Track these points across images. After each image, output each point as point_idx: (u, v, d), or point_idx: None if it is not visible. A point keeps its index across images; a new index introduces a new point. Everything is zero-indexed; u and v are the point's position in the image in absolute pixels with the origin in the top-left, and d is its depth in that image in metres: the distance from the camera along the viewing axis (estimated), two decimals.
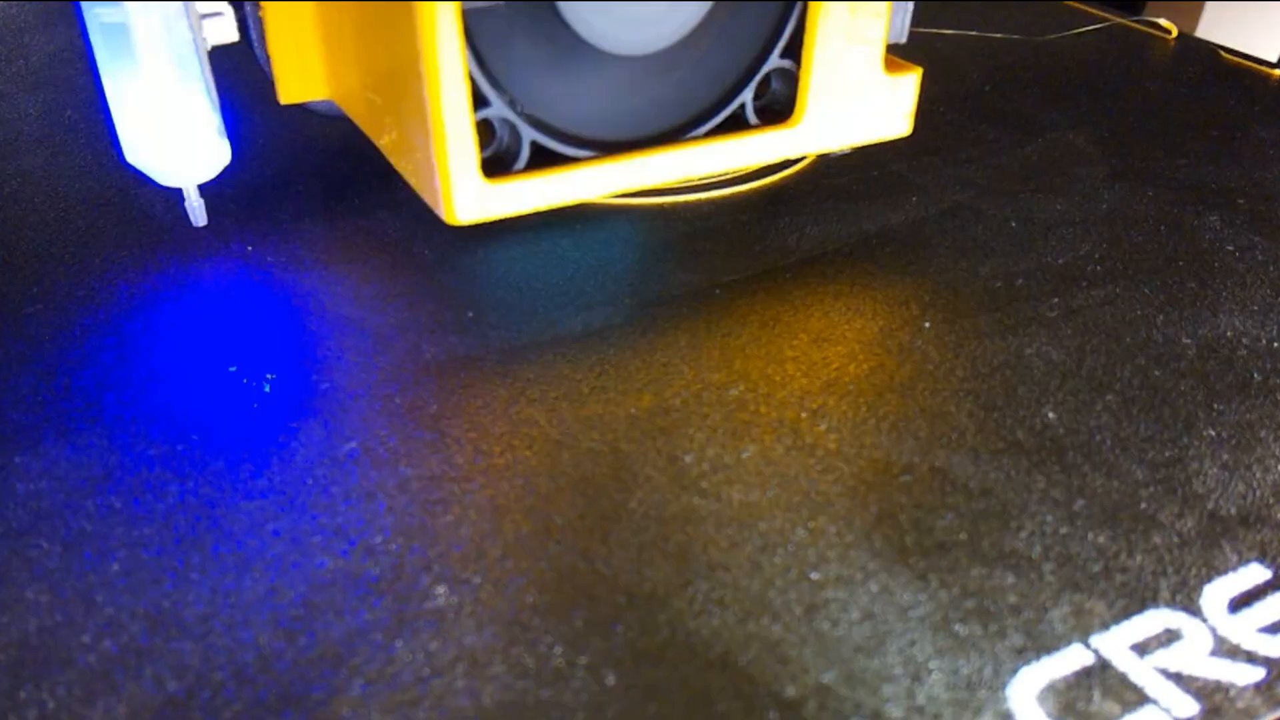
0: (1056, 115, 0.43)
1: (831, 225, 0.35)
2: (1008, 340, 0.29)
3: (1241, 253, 0.34)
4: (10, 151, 0.39)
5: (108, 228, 0.34)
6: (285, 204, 0.36)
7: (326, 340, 0.29)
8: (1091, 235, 0.34)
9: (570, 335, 0.29)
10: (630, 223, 0.35)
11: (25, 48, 0.50)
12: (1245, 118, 0.44)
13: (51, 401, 0.26)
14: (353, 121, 0.33)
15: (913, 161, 0.39)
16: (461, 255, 0.33)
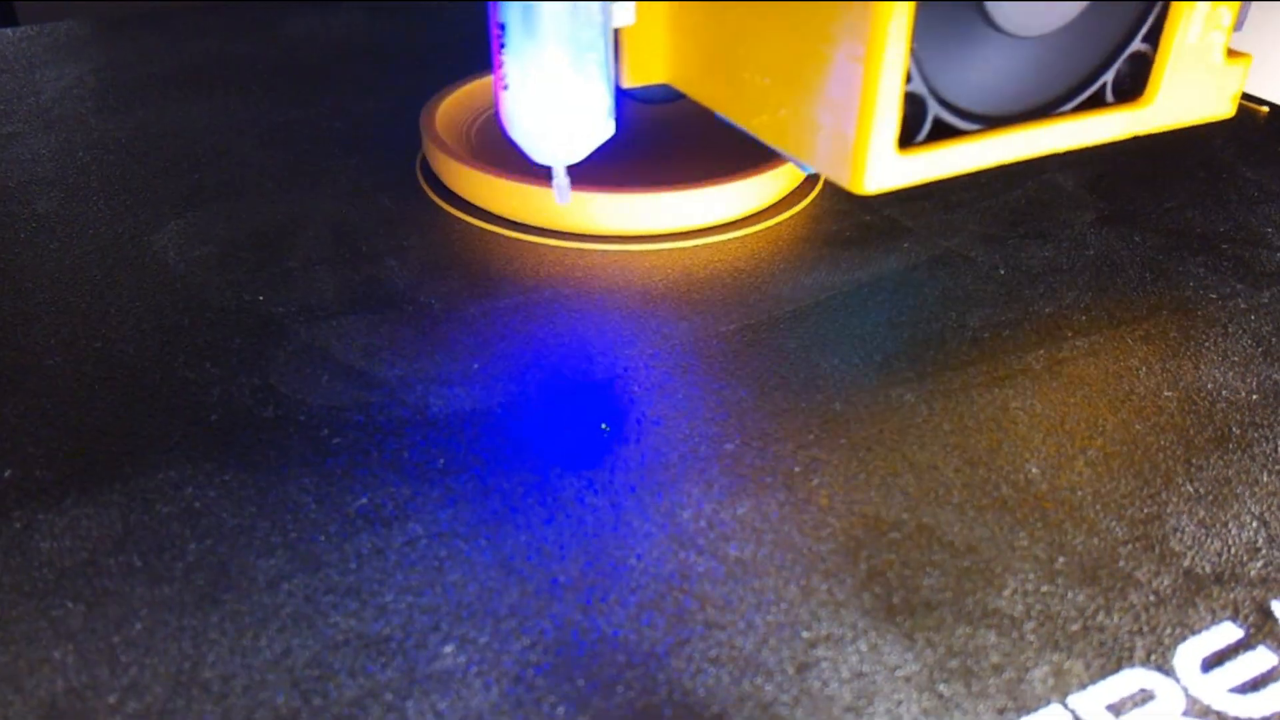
0: (1047, 158, 0.44)
1: (825, 273, 0.36)
2: (994, 393, 0.30)
3: (1224, 300, 0.35)
4: (25, 194, 0.40)
5: (123, 277, 0.35)
6: (295, 250, 0.37)
7: (338, 393, 0.30)
8: (1078, 282, 0.35)
9: (571, 388, 0.30)
10: (630, 271, 0.36)
11: (36, 84, 0.51)
12: (1232, 158, 0.45)
13: (72, 458, 0.27)
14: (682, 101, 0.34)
15: (905, 205, 0.40)
16: (467, 305, 0.34)
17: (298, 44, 0.57)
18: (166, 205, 0.39)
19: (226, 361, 0.31)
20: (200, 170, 0.42)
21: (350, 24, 0.60)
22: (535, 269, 0.36)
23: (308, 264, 0.36)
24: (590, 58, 0.30)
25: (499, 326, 0.33)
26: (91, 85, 0.50)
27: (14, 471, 0.27)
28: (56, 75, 0.52)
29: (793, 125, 0.29)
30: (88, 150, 0.44)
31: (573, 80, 0.30)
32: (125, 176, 0.42)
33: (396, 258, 0.36)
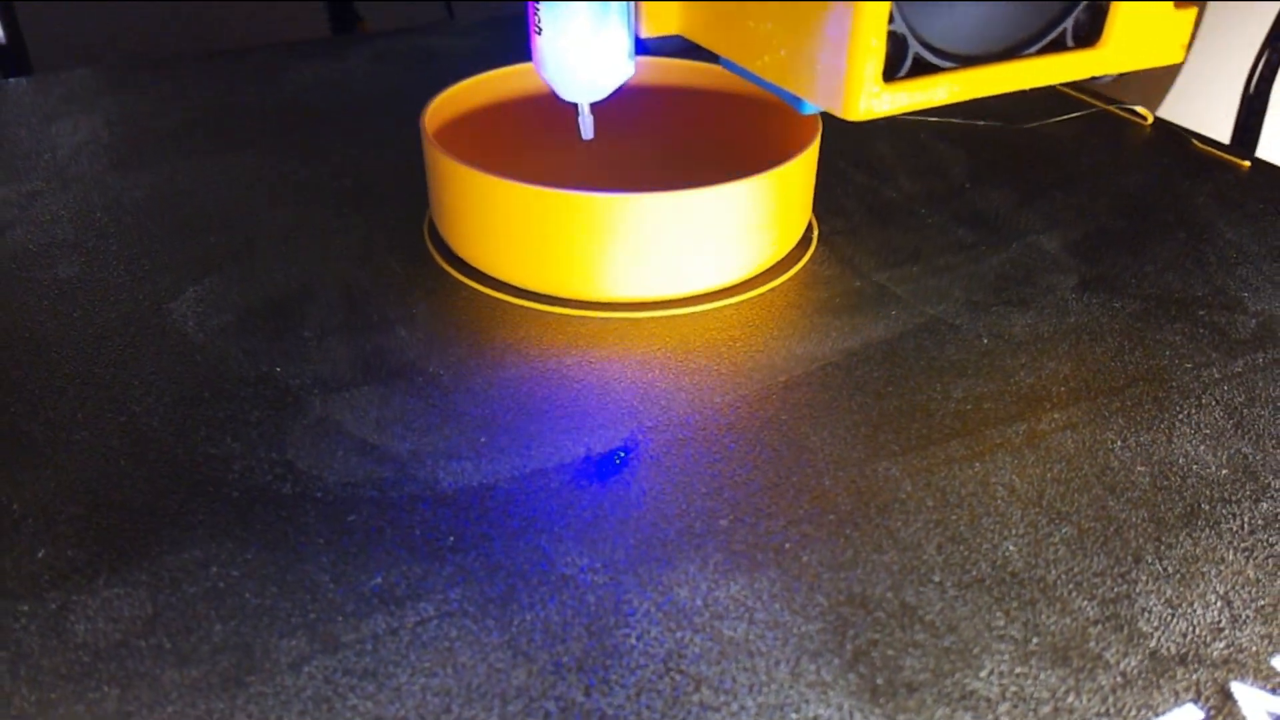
0: (1032, 216, 0.46)
1: (816, 342, 0.37)
2: (975, 468, 0.32)
3: (1199, 370, 0.36)
4: (48, 257, 0.42)
5: (145, 347, 0.36)
6: (309, 318, 0.38)
7: (352, 468, 0.31)
8: (1058, 351, 0.37)
9: (575, 462, 0.32)
10: (630, 339, 0.38)
11: (52, 138, 0.52)
12: (1213, 217, 0.46)
13: (102, 536, 0.29)
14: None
15: (895, 271, 0.42)
16: (474, 376, 0.35)
17: (303, 92, 0.58)
18: (184, 270, 0.41)
19: (246, 436, 0.32)
20: (214, 232, 0.44)
21: (354, 71, 0.61)
22: (539, 338, 0.38)
23: (321, 333, 0.37)
24: (614, 7, 0.34)
25: (505, 398, 0.35)
26: (105, 140, 0.52)
27: (47, 551, 0.28)
28: (71, 129, 0.53)
29: (792, 64, 0.32)
30: (105, 211, 0.45)
31: (597, 27, 0.34)
32: (143, 239, 0.43)
33: (406, 326, 0.38)
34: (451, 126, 0.45)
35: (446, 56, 0.64)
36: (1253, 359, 0.37)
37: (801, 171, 0.41)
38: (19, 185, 0.48)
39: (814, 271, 0.42)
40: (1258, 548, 0.29)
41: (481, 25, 0.68)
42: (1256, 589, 0.28)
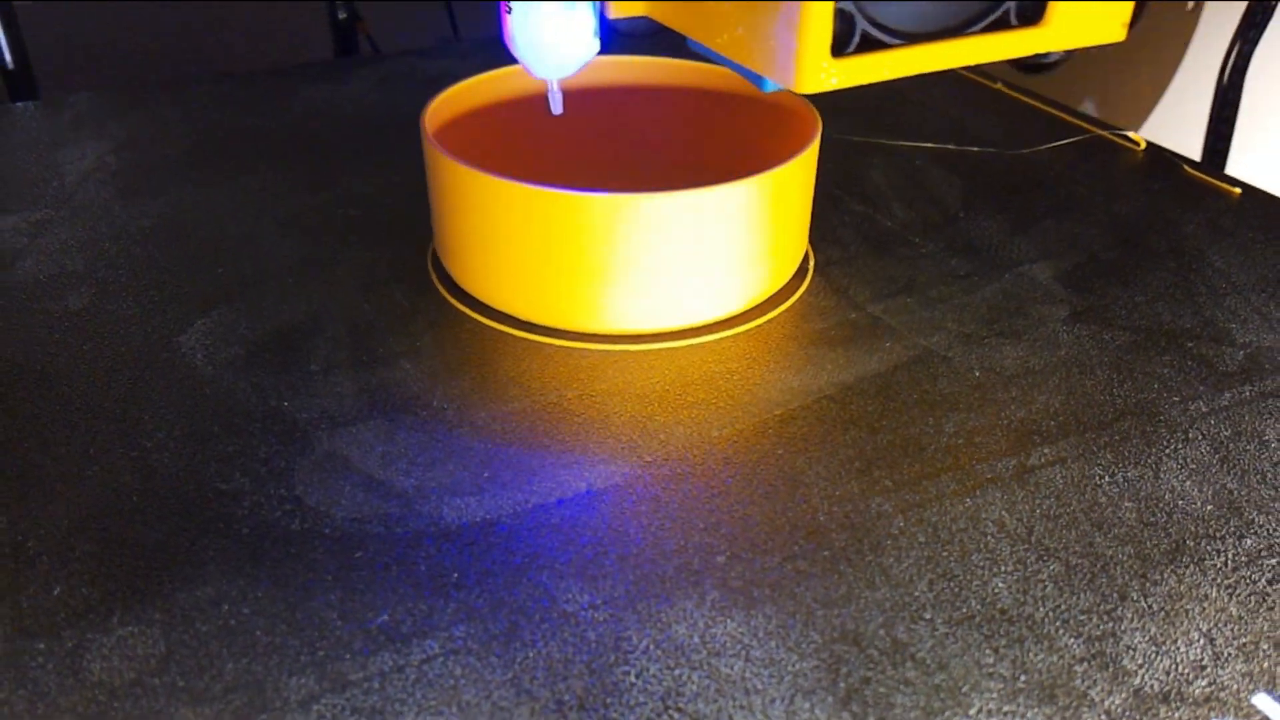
0: (1025, 245, 0.47)
1: (811, 375, 0.38)
2: (965, 504, 0.32)
3: (1186, 404, 0.37)
4: (58, 288, 0.43)
5: (155, 381, 0.37)
6: (316, 352, 0.39)
7: (358, 504, 0.32)
8: (1049, 384, 0.38)
9: (575, 498, 0.33)
10: (629, 372, 0.38)
11: (59, 164, 0.53)
12: (1203, 246, 0.47)
13: (115, 573, 0.30)
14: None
15: (889, 302, 0.43)
16: (477, 410, 0.36)
17: (310, 116, 0.59)
18: (192, 302, 0.42)
19: (256, 471, 0.33)
20: (222, 263, 0.44)
21: (360, 94, 0.62)
22: (541, 371, 0.38)
23: (328, 367, 0.38)
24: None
25: (508, 433, 0.35)
26: (113, 167, 0.53)
27: (62, 588, 0.29)
28: (79, 154, 0.54)
29: (749, 41, 0.34)
30: (114, 240, 0.46)
31: (565, 6, 0.36)
32: (151, 270, 0.44)
33: (410, 359, 0.39)
34: (452, 127, 0.45)
35: (450, 80, 0.65)
36: (1239, 392, 0.38)
37: (799, 190, 0.42)
38: (27, 213, 0.48)
39: (810, 303, 0.43)
40: (1240, 585, 0.30)
41: (485, 45, 0.69)
42: (1238, 626, 0.29)
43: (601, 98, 0.50)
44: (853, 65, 0.32)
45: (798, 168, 0.41)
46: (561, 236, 0.38)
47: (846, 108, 0.59)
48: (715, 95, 0.49)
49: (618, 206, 0.38)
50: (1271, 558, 0.31)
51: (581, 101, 0.49)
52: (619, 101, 0.50)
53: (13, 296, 0.42)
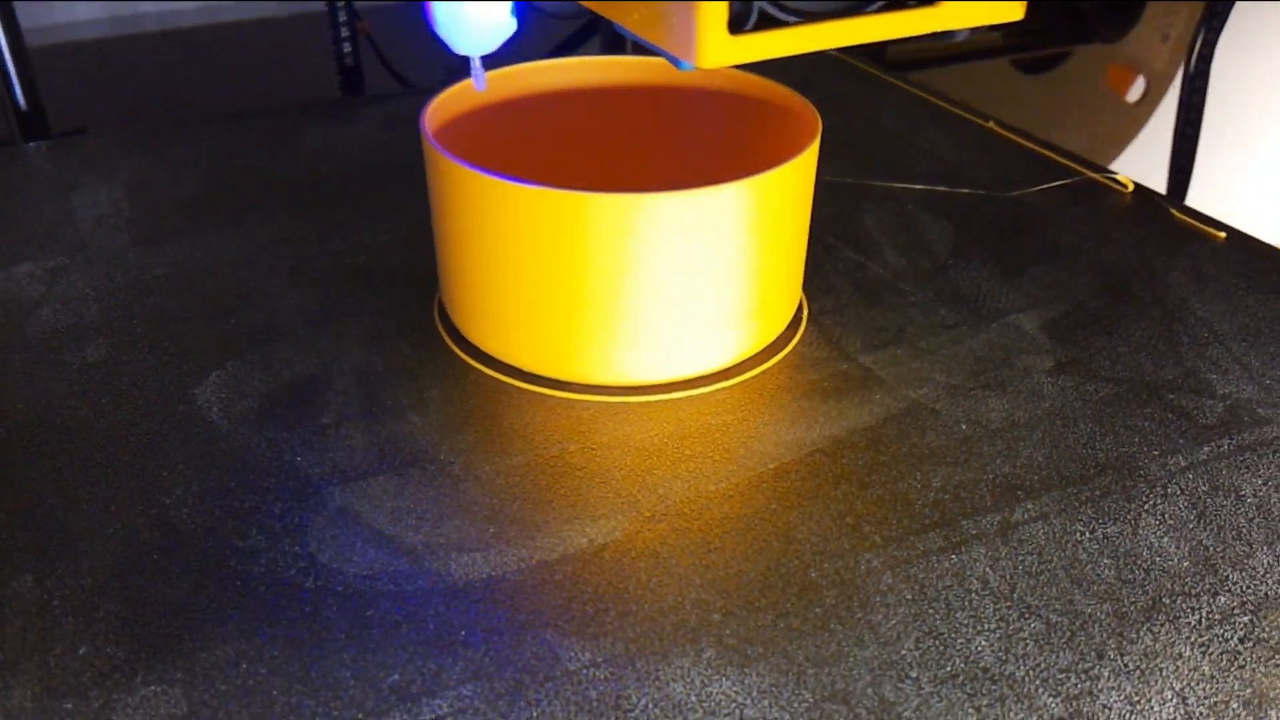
0: (1012, 294, 0.48)
1: (805, 428, 0.40)
2: (952, 560, 0.34)
3: (1165, 458, 0.38)
4: (75, 340, 0.44)
5: (171, 435, 0.39)
6: (328, 405, 0.40)
7: (369, 561, 0.34)
8: (1032, 438, 0.39)
9: (578, 553, 0.34)
10: (629, 425, 0.40)
11: (73, 209, 0.55)
12: (1187, 293, 0.48)
13: (138, 632, 0.31)
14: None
15: (879, 353, 0.44)
16: (483, 464, 0.38)
17: (318, 159, 0.60)
18: (207, 354, 0.43)
19: (271, 528, 0.35)
20: (235, 314, 0.46)
21: (366, 135, 0.63)
22: (544, 424, 0.40)
23: (339, 420, 0.40)
24: None
25: (512, 487, 0.37)
26: (126, 212, 0.54)
27: (88, 648, 0.30)
28: (92, 199, 0.56)
29: (654, 19, 0.35)
30: (129, 289, 0.48)
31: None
32: (166, 321, 0.45)
33: (418, 412, 0.40)
34: (451, 130, 0.46)
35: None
36: (1218, 445, 0.39)
37: (792, 233, 0.43)
38: (43, 260, 0.50)
39: (804, 353, 0.44)
40: (1213, 643, 0.31)
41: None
42: (1210, 685, 0.30)
43: (601, 101, 0.51)
44: (751, 42, 0.34)
45: (787, 222, 0.42)
46: (562, 237, 0.39)
47: (842, 151, 0.61)
48: (715, 101, 0.50)
49: (621, 206, 0.38)
50: (1244, 615, 0.32)
51: (582, 105, 0.50)
52: (619, 104, 0.51)
53: (33, 348, 0.43)
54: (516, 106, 0.49)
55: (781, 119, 0.47)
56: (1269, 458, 0.38)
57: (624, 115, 0.51)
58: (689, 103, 0.51)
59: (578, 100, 0.50)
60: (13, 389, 0.41)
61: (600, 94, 0.51)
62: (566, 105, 0.51)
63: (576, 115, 0.51)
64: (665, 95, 0.51)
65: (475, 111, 0.48)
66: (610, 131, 0.52)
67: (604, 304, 0.40)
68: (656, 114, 0.51)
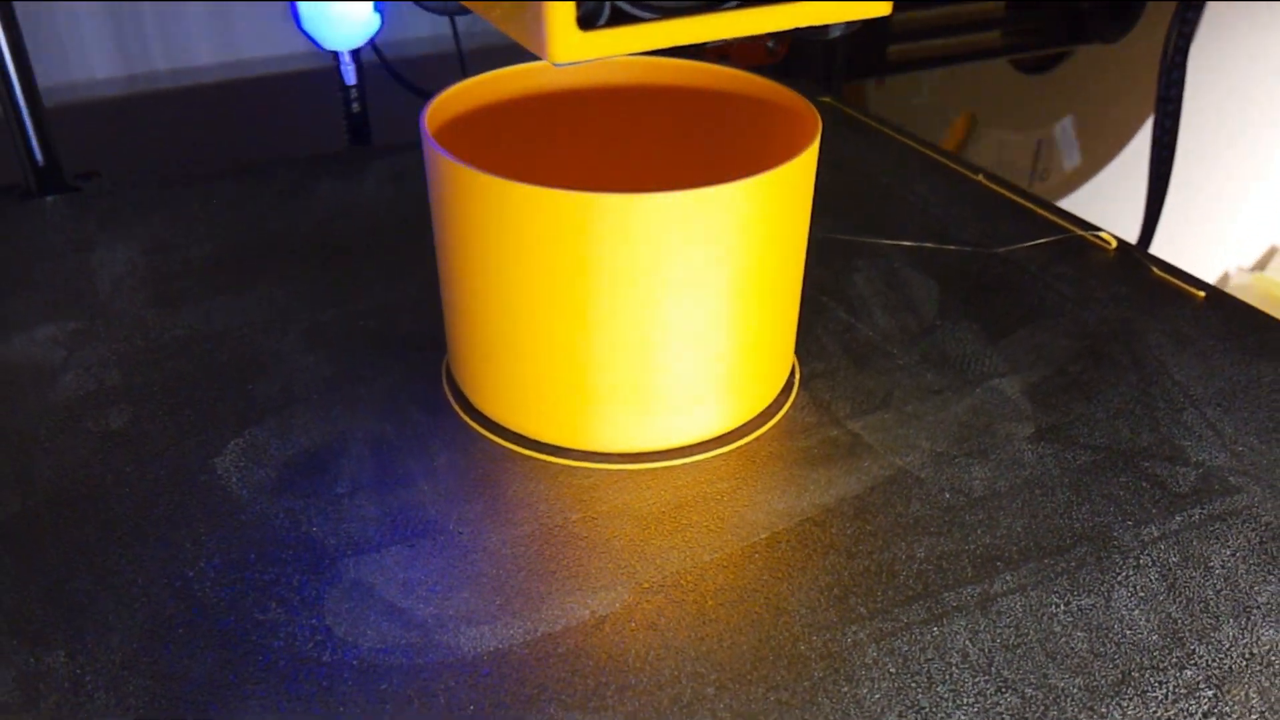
0: (996, 358, 0.50)
1: (795, 497, 0.42)
2: (934, 633, 0.36)
3: (1138, 528, 0.40)
4: (98, 407, 0.46)
5: (193, 505, 0.41)
6: (342, 473, 0.42)
7: (383, 634, 0.35)
8: (1012, 507, 0.41)
9: (580, 625, 0.36)
10: (629, 494, 0.42)
11: (92, 269, 0.57)
12: (1165, 356, 0.50)
13: (165, 706, 0.33)
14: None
15: (868, 418, 0.46)
16: (490, 534, 0.40)
17: (328, 216, 0.62)
18: (226, 421, 0.45)
19: (289, 601, 0.37)
20: (252, 379, 0.48)
21: (375, 192, 0.65)
22: (547, 493, 0.42)
23: (353, 489, 0.42)
24: None
25: (518, 558, 0.39)
26: (143, 272, 0.56)
27: None
28: (110, 257, 0.58)
29: (511, 15, 0.36)
30: (148, 353, 0.50)
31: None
32: (186, 386, 0.47)
33: (428, 480, 0.42)
34: (450, 132, 0.46)
35: None
36: (1189, 515, 0.41)
37: (787, 296, 0.45)
38: (64, 323, 0.52)
39: (795, 418, 0.46)
40: (1178, 717, 0.33)
41: None
42: None
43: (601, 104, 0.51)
44: (604, 38, 0.35)
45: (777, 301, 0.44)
46: (566, 239, 0.39)
47: (835, 205, 0.63)
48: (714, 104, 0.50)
49: (623, 207, 0.38)
50: (1208, 689, 0.34)
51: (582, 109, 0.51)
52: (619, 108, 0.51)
53: (57, 416, 0.45)
54: (515, 108, 0.49)
55: (787, 123, 0.47)
56: (1237, 527, 0.40)
57: (629, 117, 0.51)
58: (690, 105, 0.50)
59: (578, 102, 0.51)
60: (39, 458, 0.43)
61: (602, 95, 0.51)
62: (567, 107, 0.51)
63: (577, 118, 0.51)
64: (667, 97, 0.50)
65: (473, 114, 0.48)
66: (613, 134, 0.52)
67: (607, 363, 0.41)
68: (656, 117, 0.51)
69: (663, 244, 0.39)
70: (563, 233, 0.39)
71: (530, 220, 0.39)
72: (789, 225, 0.43)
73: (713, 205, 0.39)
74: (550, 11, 0.34)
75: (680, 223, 0.39)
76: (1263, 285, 1.58)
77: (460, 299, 0.44)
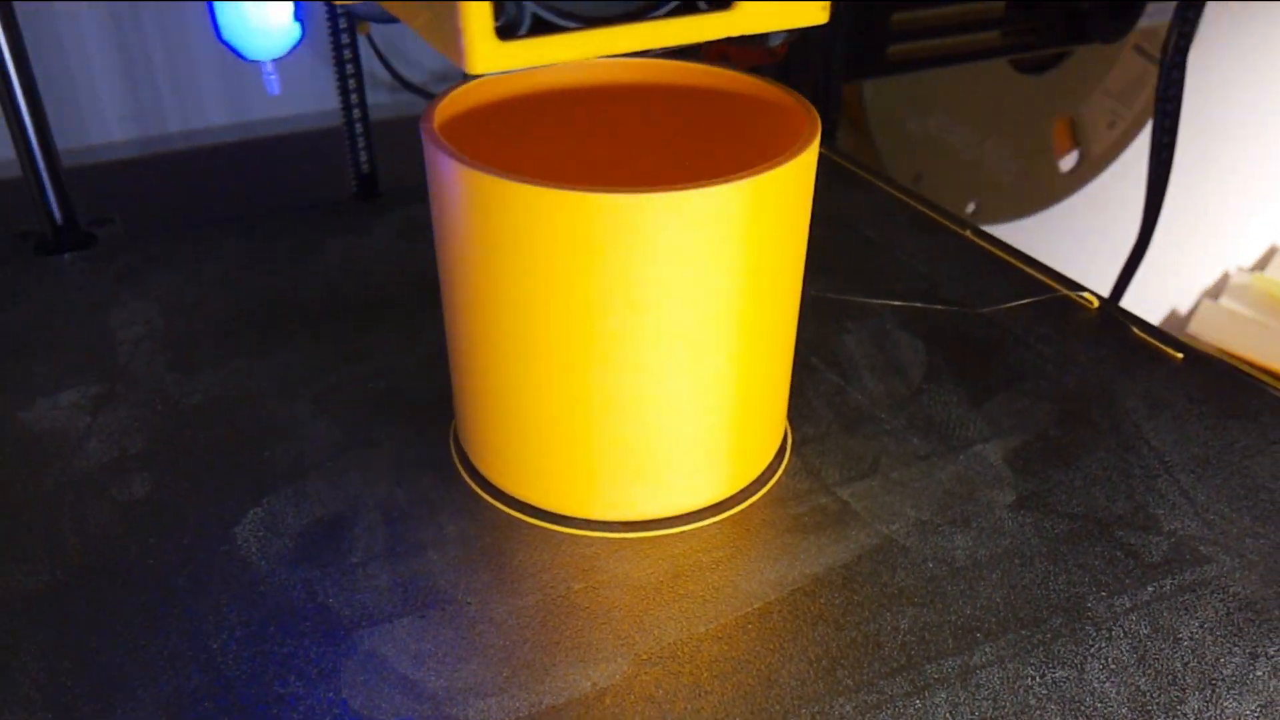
0: (980, 423, 0.52)
1: (786, 566, 0.44)
2: (915, 706, 0.38)
3: (1112, 599, 0.43)
4: (122, 474, 0.48)
5: (214, 577, 0.43)
6: (356, 543, 0.44)
7: (396, 707, 0.38)
8: (992, 578, 0.43)
9: (582, 698, 0.38)
10: (628, 562, 0.44)
11: (111, 330, 0.59)
12: (1141, 420, 0.53)
13: None
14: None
15: (856, 485, 0.48)
16: (497, 605, 0.42)
17: (338, 275, 0.64)
18: (245, 490, 0.47)
19: (308, 674, 0.39)
20: (268, 445, 0.50)
21: (383, 246, 0.68)
22: (551, 562, 0.44)
23: (366, 559, 0.44)
24: None
25: (523, 628, 0.41)
26: (161, 333, 0.58)
27: None
28: (128, 318, 0.60)
29: (433, 24, 0.37)
30: (169, 418, 0.52)
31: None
32: (206, 453, 0.49)
33: (437, 550, 0.44)
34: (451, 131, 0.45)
35: None
36: (1160, 585, 0.43)
37: (780, 366, 0.47)
38: (85, 387, 0.54)
39: (787, 485, 0.48)
40: None
41: None
42: None
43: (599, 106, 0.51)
44: (524, 48, 0.34)
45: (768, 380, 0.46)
46: (571, 242, 0.39)
47: (828, 263, 0.65)
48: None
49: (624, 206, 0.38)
50: None
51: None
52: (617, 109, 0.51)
53: (83, 486, 0.47)
54: (509, 108, 0.48)
55: (777, 122, 0.46)
56: (1206, 598, 0.43)
57: (620, 117, 0.51)
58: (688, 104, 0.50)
59: (581, 102, 0.50)
60: (67, 528, 0.45)
61: (609, 94, 0.50)
62: (567, 107, 0.50)
63: (573, 117, 0.50)
64: (667, 96, 0.50)
65: (473, 115, 0.47)
66: (606, 134, 0.51)
67: (608, 428, 0.43)
68: (660, 118, 0.50)
69: (663, 245, 0.39)
70: (562, 231, 0.39)
71: (528, 218, 0.39)
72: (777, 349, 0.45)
73: (718, 203, 0.39)
74: (468, 20, 0.33)
75: (682, 227, 0.39)
76: (1263, 285, 1.60)
77: (462, 345, 0.45)
